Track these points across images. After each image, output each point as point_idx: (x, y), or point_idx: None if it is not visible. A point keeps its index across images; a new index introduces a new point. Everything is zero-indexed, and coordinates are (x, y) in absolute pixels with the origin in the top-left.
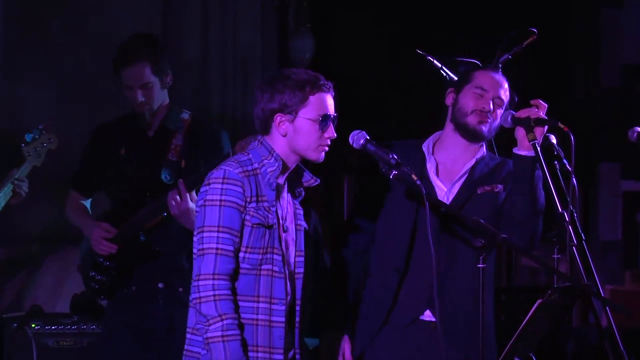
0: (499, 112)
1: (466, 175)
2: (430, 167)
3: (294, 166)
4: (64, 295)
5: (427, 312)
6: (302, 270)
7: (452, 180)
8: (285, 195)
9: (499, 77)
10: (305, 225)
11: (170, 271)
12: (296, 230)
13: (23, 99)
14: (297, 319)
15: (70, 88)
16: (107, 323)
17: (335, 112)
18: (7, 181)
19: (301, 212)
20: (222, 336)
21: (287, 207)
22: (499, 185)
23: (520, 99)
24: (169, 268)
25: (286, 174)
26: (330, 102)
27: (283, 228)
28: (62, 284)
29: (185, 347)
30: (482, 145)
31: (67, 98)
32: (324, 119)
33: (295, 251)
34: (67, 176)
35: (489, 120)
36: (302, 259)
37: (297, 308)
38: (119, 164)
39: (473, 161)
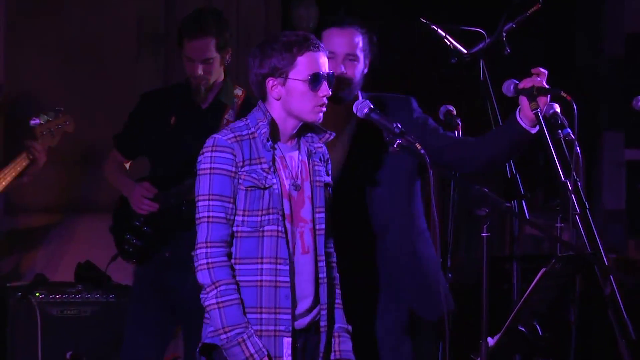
0: (358, 65)
1: (351, 138)
2: None
3: (295, 130)
4: (67, 265)
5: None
6: (323, 226)
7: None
8: (297, 155)
9: (345, 31)
10: (326, 180)
11: None
12: (314, 186)
13: (27, 65)
14: (322, 275)
15: (75, 55)
16: (138, 285)
17: (329, 71)
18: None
19: (320, 168)
20: (217, 303)
21: (301, 165)
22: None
23: (523, 68)
24: None
25: (290, 135)
26: (322, 60)
27: (295, 187)
28: (65, 253)
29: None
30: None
31: (71, 65)
32: (314, 77)
33: (314, 207)
34: (72, 145)
35: (345, 82)
36: (323, 214)
37: (321, 264)
38: (168, 133)
39: (353, 121)
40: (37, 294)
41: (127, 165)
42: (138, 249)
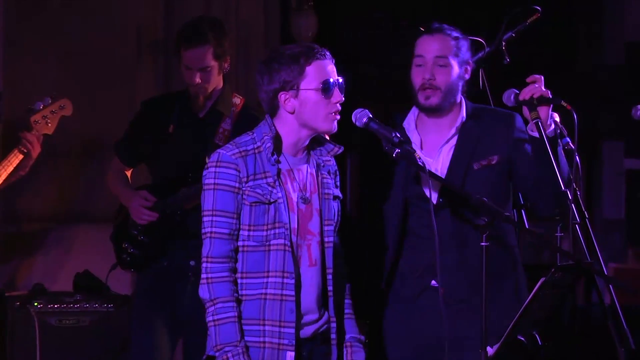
0: (450, 70)
1: (453, 148)
2: (415, 143)
3: (307, 141)
4: (66, 274)
5: (433, 282)
6: (331, 239)
7: (437, 153)
8: (305, 168)
9: (434, 36)
10: (335, 193)
11: None
12: (323, 199)
13: (26, 73)
14: (330, 287)
15: (75, 63)
16: (139, 295)
17: (338, 77)
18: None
19: (329, 181)
20: (214, 320)
21: (309, 178)
22: (495, 157)
23: (523, 76)
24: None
25: (301, 148)
26: (330, 68)
27: (303, 200)
28: (64, 262)
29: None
30: (458, 109)
31: (71, 73)
32: (325, 85)
33: (322, 220)
34: (69, 155)
35: (435, 89)
36: (332, 227)
37: (329, 277)
38: (166, 141)
39: (453, 130)
40: (36, 304)
41: (129, 174)
42: (135, 258)
